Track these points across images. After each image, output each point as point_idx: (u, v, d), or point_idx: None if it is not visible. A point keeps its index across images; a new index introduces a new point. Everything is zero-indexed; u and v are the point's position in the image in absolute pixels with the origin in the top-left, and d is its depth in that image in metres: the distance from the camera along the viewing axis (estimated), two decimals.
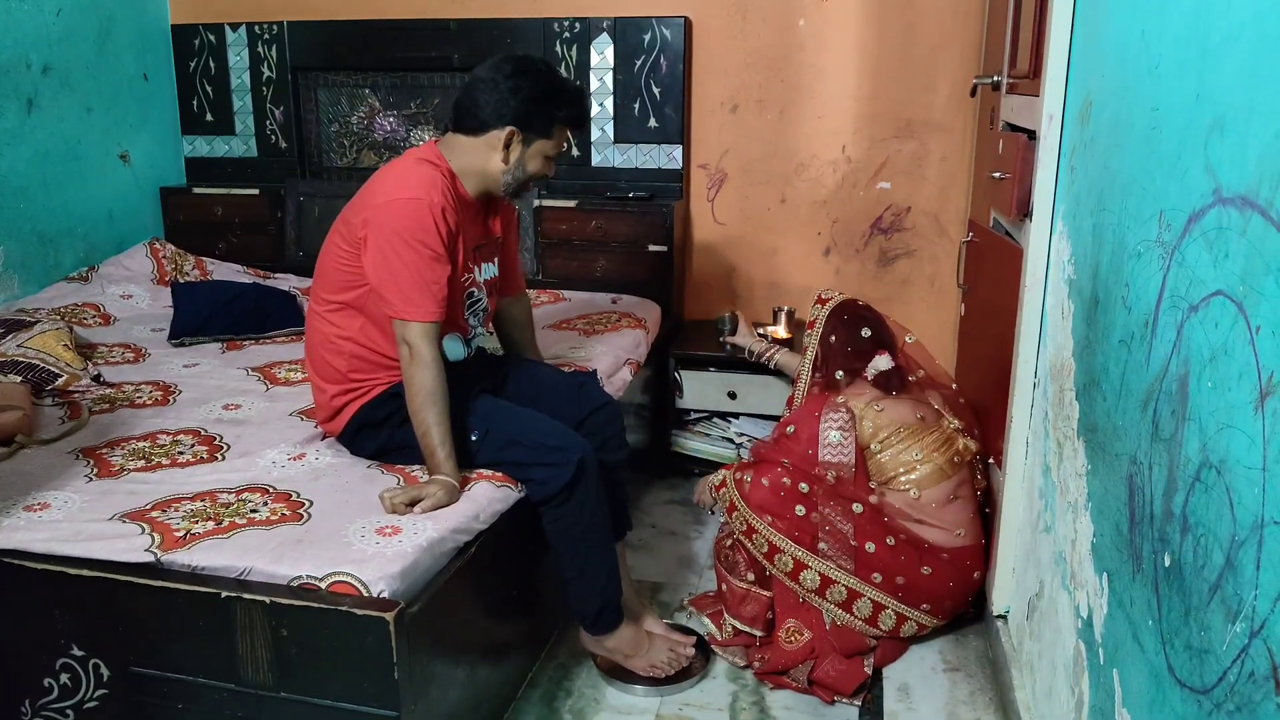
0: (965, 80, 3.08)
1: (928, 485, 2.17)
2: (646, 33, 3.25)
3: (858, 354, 2.31)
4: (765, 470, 2.17)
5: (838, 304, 2.40)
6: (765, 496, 2.15)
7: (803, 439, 2.19)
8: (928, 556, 2.14)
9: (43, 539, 1.61)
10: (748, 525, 2.16)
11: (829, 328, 2.36)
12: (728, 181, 3.40)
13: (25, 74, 3.06)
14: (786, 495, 2.14)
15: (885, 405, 2.23)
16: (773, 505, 2.14)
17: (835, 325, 2.35)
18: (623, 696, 2.09)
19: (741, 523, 2.18)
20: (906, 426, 2.21)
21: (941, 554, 2.15)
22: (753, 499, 2.16)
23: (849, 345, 2.32)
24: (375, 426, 1.99)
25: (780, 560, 2.14)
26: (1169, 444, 1.09)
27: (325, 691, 1.50)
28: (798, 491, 2.13)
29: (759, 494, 2.15)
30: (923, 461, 2.18)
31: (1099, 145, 1.53)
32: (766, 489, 2.15)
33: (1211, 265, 1.00)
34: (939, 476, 2.17)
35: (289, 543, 1.61)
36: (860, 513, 2.12)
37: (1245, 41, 0.96)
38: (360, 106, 3.58)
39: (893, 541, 2.13)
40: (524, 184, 2.03)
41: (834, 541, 2.12)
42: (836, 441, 2.17)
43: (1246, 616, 0.87)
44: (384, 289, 1.87)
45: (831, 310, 2.38)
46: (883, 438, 2.20)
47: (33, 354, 2.45)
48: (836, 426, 2.18)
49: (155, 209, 3.66)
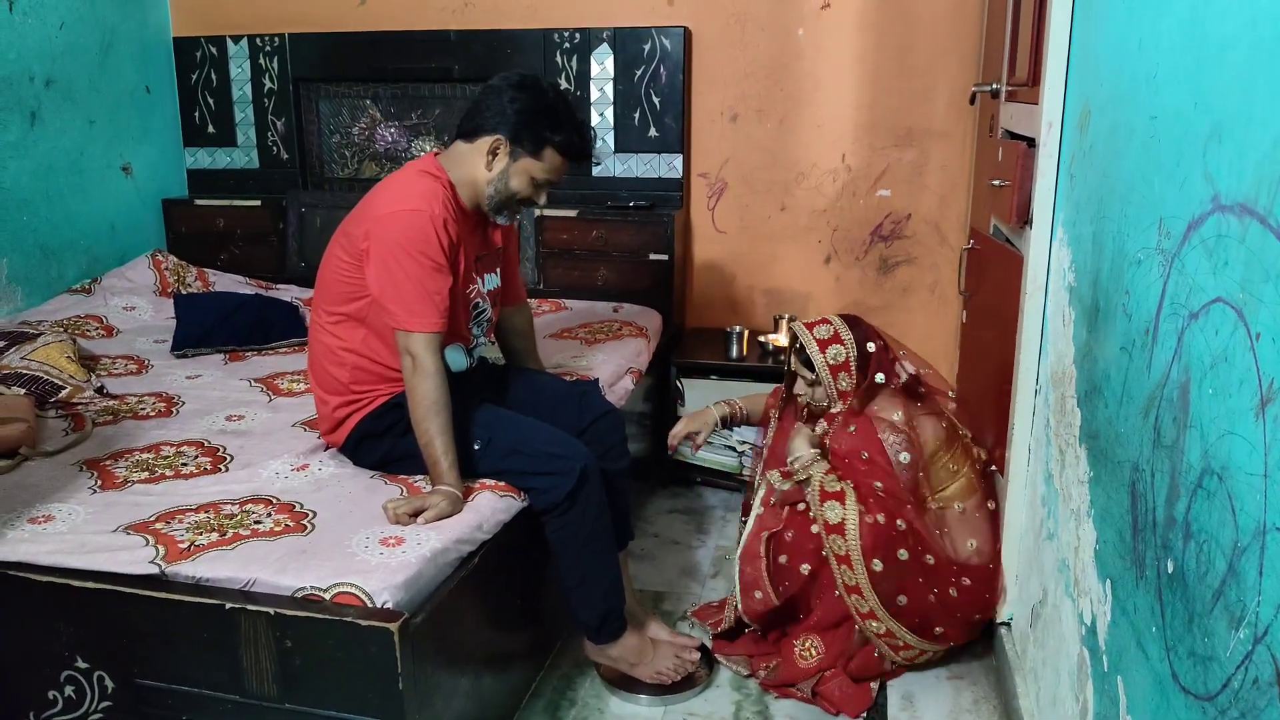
0: (964, 88, 3.09)
1: (962, 497, 2.14)
2: (646, 43, 3.27)
3: (884, 362, 2.19)
4: (878, 507, 2.02)
5: (841, 318, 2.24)
6: (880, 533, 2.00)
7: (880, 464, 2.06)
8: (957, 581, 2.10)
9: (47, 551, 1.61)
10: (851, 564, 2.01)
11: (857, 337, 2.18)
12: (728, 190, 3.41)
13: (28, 87, 3.07)
14: (895, 536, 2.01)
15: (919, 420, 2.14)
16: (883, 549, 2.00)
17: (860, 335, 2.19)
18: (626, 706, 2.09)
19: (840, 547, 2.02)
20: (941, 438, 2.14)
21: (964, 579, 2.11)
22: (865, 540, 2.00)
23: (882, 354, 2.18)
24: (377, 437, 1.99)
25: (858, 601, 2.03)
26: (1171, 451, 1.09)
27: (330, 703, 1.50)
28: (897, 530, 2.02)
29: (875, 530, 2.00)
30: (957, 475, 2.14)
31: (1098, 152, 1.54)
32: (884, 525, 2.00)
33: (1211, 272, 1.00)
34: (969, 488, 2.14)
35: (293, 554, 1.61)
36: (933, 564, 2.05)
37: (1241, 49, 0.96)
38: (361, 118, 3.59)
39: (955, 594, 2.07)
40: (506, 200, 1.99)
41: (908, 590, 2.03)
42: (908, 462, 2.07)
43: (1250, 623, 0.87)
44: (387, 300, 1.88)
45: (844, 325, 2.21)
46: (929, 453, 2.12)
47: (36, 366, 2.46)
48: (903, 448, 2.07)
49: (157, 221, 3.67)
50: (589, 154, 2.05)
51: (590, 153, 2.05)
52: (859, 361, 2.16)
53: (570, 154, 1.99)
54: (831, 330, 2.19)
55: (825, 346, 2.17)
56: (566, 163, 2.00)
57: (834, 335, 2.18)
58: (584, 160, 2.06)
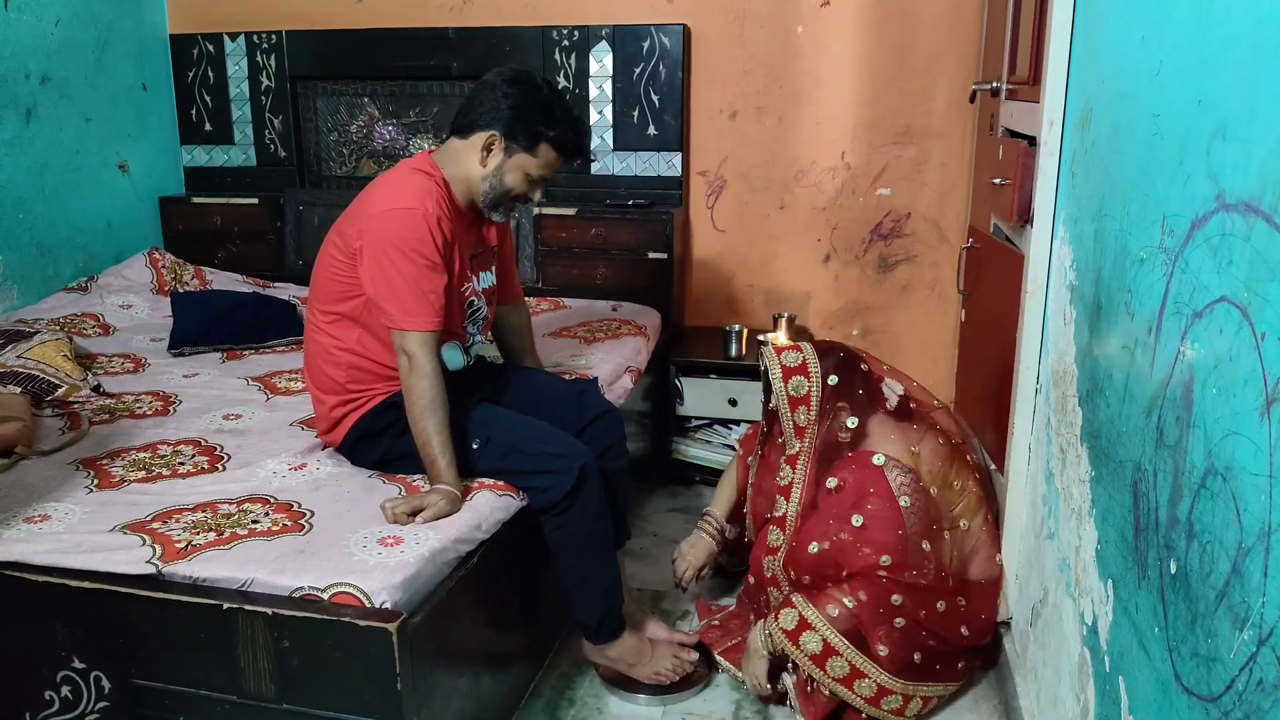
0: (964, 86, 3.08)
1: (971, 514, 2.08)
2: (645, 41, 3.26)
3: (866, 390, 2.08)
4: (860, 584, 1.91)
5: (814, 346, 2.09)
6: (868, 614, 1.90)
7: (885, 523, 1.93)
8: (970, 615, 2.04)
9: (43, 551, 1.60)
10: (853, 668, 1.88)
11: (824, 369, 2.05)
12: (727, 188, 3.40)
13: (24, 84, 3.06)
14: (886, 610, 1.90)
15: (920, 446, 2.04)
16: (879, 627, 1.90)
17: (829, 367, 2.05)
18: (626, 706, 2.08)
19: (844, 669, 1.87)
20: (945, 456, 2.05)
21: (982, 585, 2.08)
22: (857, 619, 1.89)
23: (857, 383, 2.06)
24: (375, 437, 1.99)
25: (861, 686, 1.90)
26: (1174, 450, 1.09)
27: (328, 703, 1.49)
28: (893, 606, 1.91)
29: (863, 611, 1.90)
30: (964, 490, 2.08)
31: (1100, 151, 1.53)
32: (867, 604, 1.89)
33: (1215, 271, 1.00)
34: (978, 503, 2.09)
35: (290, 553, 1.60)
36: (944, 610, 1.96)
37: (1245, 47, 0.96)
38: (359, 115, 3.58)
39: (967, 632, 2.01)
40: (501, 197, 1.98)
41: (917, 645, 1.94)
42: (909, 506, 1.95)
43: (1254, 624, 0.86)
44: (381, 299, 1.87)
45: (815, 354, 2.06)
46: (935, 479, 2.02)
47: (32, 364, 2.45)
48: (908, 491, 1.95)
49: (154, 219, 3.66)
50: (584, 150, 2.03)
51: (585, 149, 2.03)
52: (823, 395, 2.02)
53: (565, 150, 1.98)
54: (800, 359, 2.06)
55: (790, 375, 2.04)
56: (561, 159, 1.99)
57: (801, 365, 2.05)
58: (579, 157, 2.04)
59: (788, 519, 2.09)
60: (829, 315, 3.42)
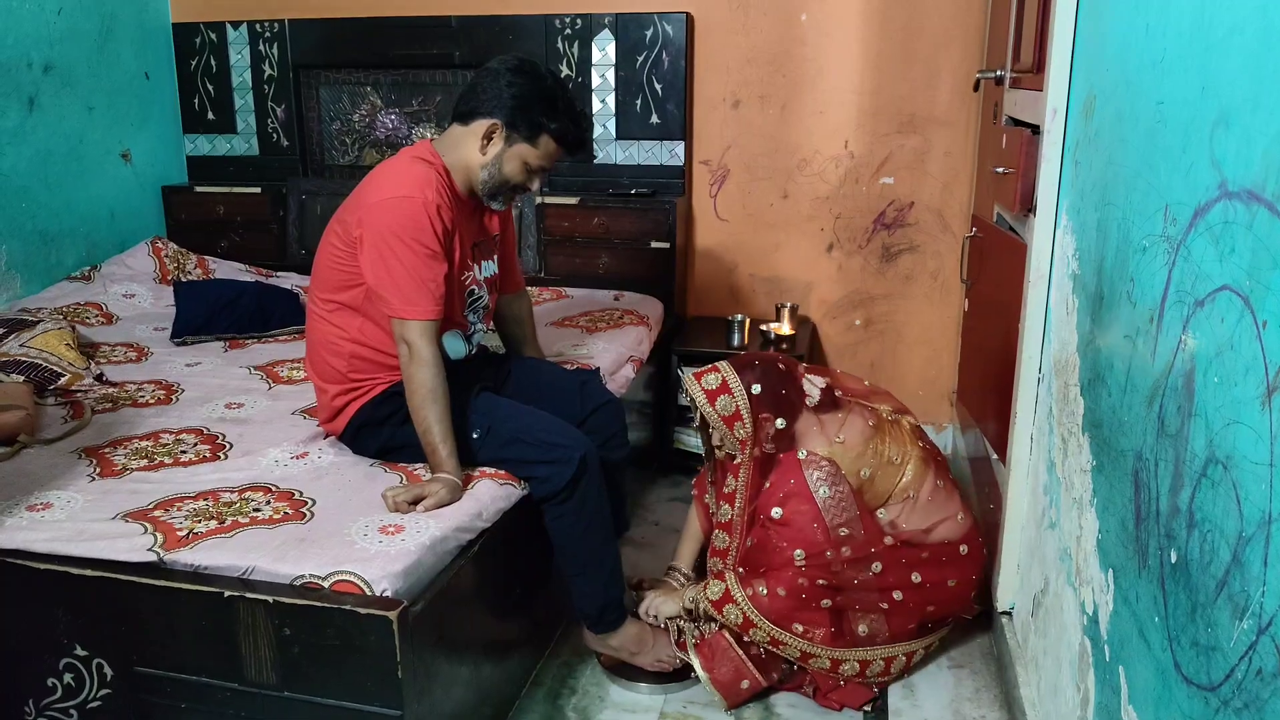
0: (968, 75, 3.07)
1: (919, 481, 2.09)
2: (648, 29, 3.25)
3: (789, 391, 2.07)
4: (779, 579, 1.97)
5: (730, 363, 2.10)
6: (786, 606, 1.96)
7: (801, 517, 1.98)
8: (948, 567, 2.08)
9: (45, 539, 1.60)
10: (772, 638, 1.98)
11: (746, 381, 2.05)
12: (730, 177, 3.39)
13: (27, 73, 3.06)
14: (809, 595, 1.96)
15: (843, 433, 2.06)
16: (799, 613, 1.97)
17: (750, 378, 2.06)
18: (627, 694, 2.09)
19: (765, 636, 1.98)
20: (870, 436, 2.07)
21: (960, 548, 2.10)
22: (774, 612, 1.97)
23: (780, 387, 2.06)
24: (376, 425, 1.99)
25: (816, 662, 2.01)
26: (1175, 440, 1.09)
27: (329, 691, 1.50)
28: (818, 587, 1.96)
29: (779, 605, 1.96)
30: (904, 460, 2.08)
31: (1103, 139, 1.52)
32: (785, 599, 1.96)
33: (1217, 260, 0.99)
34: (923, 468, 2.09)
35: (292, 542, 1.61)
36: (880, 571, 2.00)
37: (1249, 35, 0.95)
38: (362, 104, 3.58)
39: (918, 578, 2.04)
40: (499, 186, 1.98)
41: (867, 612, 2.01)
42: (828, 496, 1.98)
43: (1254, 613, 0.86)
44: (382, 288, 1.87)
45: (732, 370, 2.07)
46: (865, 461, 2.05)
47: (35, 353, 2.45)
48: (825, 481, 1.99)
49: (157, 208, 3.66)
50: (585, 143, 2.02)
51: (587, 142, 2.03)
52: (752, 406, 2.04)
53: (566, 143, 1.97)
54: (720, 379, 2.07)
55: (715, 397, 2.05)
56: (562, 151, 1.98)
57: (722, 385, 2.06)
58: (580, 150, 2.03)
59: (734, 524, 2.12)
60: (831, 305, 3.41)
